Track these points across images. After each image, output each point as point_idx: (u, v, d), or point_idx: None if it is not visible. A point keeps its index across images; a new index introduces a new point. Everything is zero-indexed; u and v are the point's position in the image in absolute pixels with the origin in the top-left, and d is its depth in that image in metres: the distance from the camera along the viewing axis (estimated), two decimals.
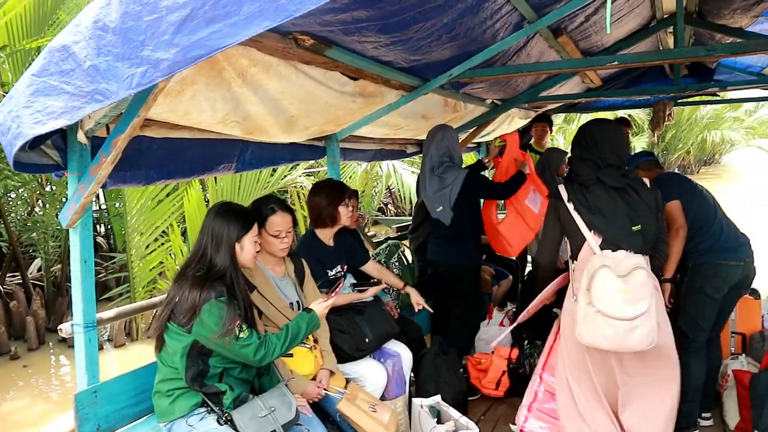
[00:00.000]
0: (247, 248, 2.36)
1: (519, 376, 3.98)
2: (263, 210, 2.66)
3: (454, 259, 3.97)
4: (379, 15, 2.43)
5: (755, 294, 3.89)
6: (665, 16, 4.64)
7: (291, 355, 2.63)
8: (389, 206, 16.05)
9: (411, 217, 4.99)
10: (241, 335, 2.19)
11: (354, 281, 3.39)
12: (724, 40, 4.52)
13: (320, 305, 2.53)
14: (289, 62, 2.61)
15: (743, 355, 3.71)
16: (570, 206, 2.69)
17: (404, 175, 10.77)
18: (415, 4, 2.49)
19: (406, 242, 5.23)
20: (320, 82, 2.90)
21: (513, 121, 6.10)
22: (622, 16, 4.21)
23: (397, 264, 4.38)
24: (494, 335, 4.44)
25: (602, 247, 2.60)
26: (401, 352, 3.37)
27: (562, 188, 2.77)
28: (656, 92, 5.45)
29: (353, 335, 3.08)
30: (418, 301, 3.48)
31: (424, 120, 4.31)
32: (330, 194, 3.23)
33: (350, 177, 10.87)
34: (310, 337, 2.76)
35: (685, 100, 6.64)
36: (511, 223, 4.15)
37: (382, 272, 3.58)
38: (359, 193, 10.61)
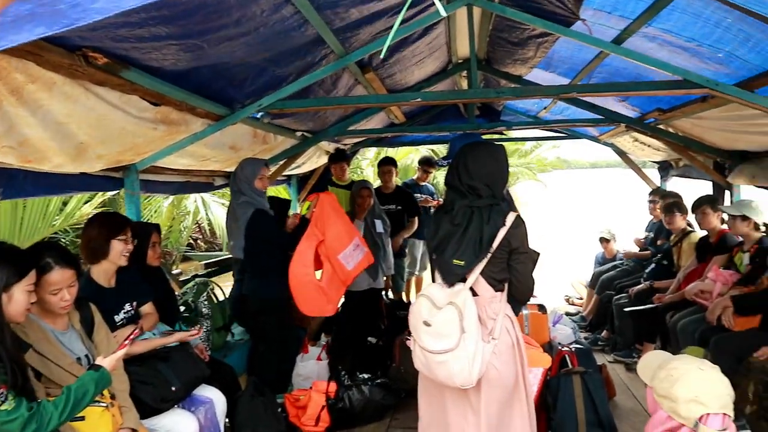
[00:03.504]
0: (16, 299, 1.99)
1: (339, 411, 3.93)
2: (39, 263, 2.24)
3: (259, 292, 3.88)
4: (181, 33, 2.27)
5: (542, 309, 4.33)
6: (460, 61, 5.10)
7: (82, 418, 2.26)
8: (199, 241, 15.27)
9: (222, 253, 4.77)
10: (4, 407, 1.81)
11: (166, 328, 3.10)
12: (508, 85, 5.10)
13: (109, 359, 2.22)
14: (78, 81, 2.32)
15: None
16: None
17: (215, 208, 10.31)
18: (220, 25, 2.38)
19: (217, 279, 4.97)
20: (115, 106, 2.63)
21: (323, 154, 6.19)
22: (423, 58, 4.52)
23: (206, 303, 4.10)
24: (312, 370, 4.38)
25: (443, 277, 2.47)
26: (213, 397, 3.13)
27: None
28: (454, 129, 5.94)
29: (156, 385, 2.78)
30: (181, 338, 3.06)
31: (233, 151, 4.15)
32: (104, 226, 2.89)
33: (155, 211, 10.11)
34: (106, 393, 2.41)
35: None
36: (330, 279, 3.98)
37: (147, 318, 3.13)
38: (165, 227, 9.99)
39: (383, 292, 5.41)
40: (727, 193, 5.16)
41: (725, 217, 4.52)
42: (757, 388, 3.37)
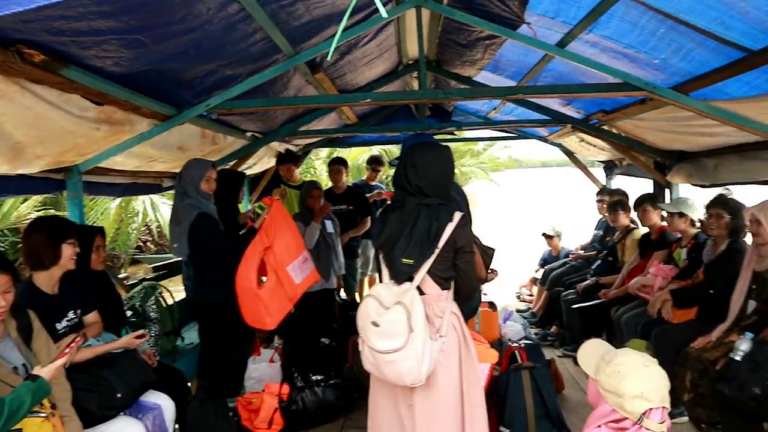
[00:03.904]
0: None
1: (292, 413, 3.91)
2: None
3: (205, 296, 3.80)
4: (122, 28, 2.21)
5: (493, 306, 4.41)
6: (410, 62, 5.14)
7: (19, 431, 2.18)
8: (149, 244, 14.89)
9: (172, 255, 4.68)
10: None
11: (112, 337, 3.01)
12: (458, 86, 5.17)
13: (49, 368, 2.15)
14: (13, 79, 2.23)
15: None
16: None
17: (164, 210, 10.08)
18: (164, 22, 2.33)
19: (167, 282, 4.87)
20: (55, 105, 2.54)
21: (274, 154, 6.14)
22: (373, 59, 4.54)
23: (154, 307, 4.00)
24: (265, 372, 4.34)
25: (391, 276, 2.47)
26: (162, 402, 3.06)
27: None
28: (405, 129, 5.99)
29: (101, 392, 2.69)
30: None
31: (181, 152, 4.08)
32: (51, 231, 2.80)
33: (102, 213, 9.81)
34: (46, 402, 2.32)
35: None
36: (272, 289, 3.71)
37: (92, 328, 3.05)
38: (112, 230, 9.71)
39: (336, 293, 5.40)
40: (666, 191, 5.38)
41: (665, 214, 4.71)
42: (693, 376, 3.52)
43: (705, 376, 3.41)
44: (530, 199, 30.71)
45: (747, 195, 3.93)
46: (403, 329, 2.26)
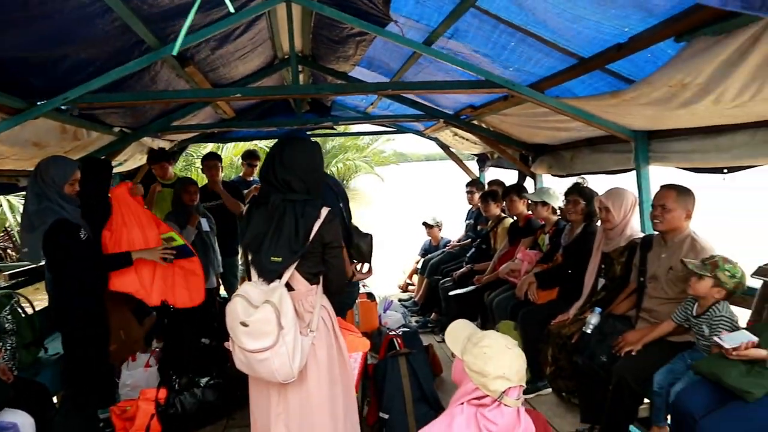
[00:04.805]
0: None
1: (171, 417, 3.78)
2: None
3: (64, 302, 3.48)
4: None
5: (371, 297, 4.52)
6: (286, 57, 5.10)
7: None
8: (9, 250, 13.60)
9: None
10: None
11: None
12: (335, 81, 5.21)
13: None
14: None
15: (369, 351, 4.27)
16: None
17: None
18: (4, 8, 2.16)
19: (29, 289, 4.50)
20: None
21: (146, 151, 5.85)
22: (246, 53, 4.46)
23: (10, 318, 3.68)
24: (141, 378, 4.15)
25: (259, 274, 2.46)
26: (19, 420, 2.85)
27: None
28: (283, 124, 5.95)
29: None
30: None
31: (38, 148, 3.77)
32: None
33: None
34: None
35: (310, 132, 7.39)
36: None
37: None
38: None
39: (216, 292, 5.27)
40: (532, 181, 5.79)
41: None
42: (554, 351, 3.84)
43: (564, 350, 3.73)
44: (414, 192, 31.56)
45: (599, 183, 4.32)
46: (273, 328, 2.27)
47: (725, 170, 3.30)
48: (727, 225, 12.78)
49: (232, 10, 1.15)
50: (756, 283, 2.95)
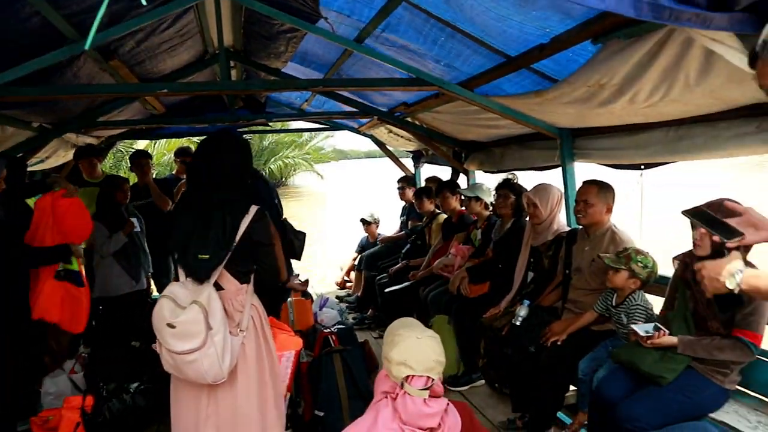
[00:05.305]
0: None
1: (98, 425, 3.64)
2: None
3: None
4: None
5: (306, 295, 4.50)
6: (217, 52, 4.98)
7: None
8: None
9: None
10: None
11: None
12: (268, 77, 5.14)
13: None
14: None
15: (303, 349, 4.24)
16: None
17: None
18: None
19: None
20: None
21: (70, 147, 5.60)
22: (174, 46, 4.33)
23: None
24: (65, 386, 3.98)
25: (187, 274, 2.40)
26: None
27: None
28: (215, 121, 5.82)
29: None
30: None
31: None
32: None
33: None
34: None
35: (245, 129, 7.25)
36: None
37: None
38: None
39: (147, 293, 5.11)
40: (465, 178, 5.90)
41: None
42: (486, 343, 3.95)
43: (495, 342, 3.84)
44: (353, 189, 31.57)
45: (528, 179, 4.45)
46: (201, 328, 2.23)
47: (642, 167, 3.47)
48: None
49: (143, 2, 1.12)
50: (668, 272, 3.13)
